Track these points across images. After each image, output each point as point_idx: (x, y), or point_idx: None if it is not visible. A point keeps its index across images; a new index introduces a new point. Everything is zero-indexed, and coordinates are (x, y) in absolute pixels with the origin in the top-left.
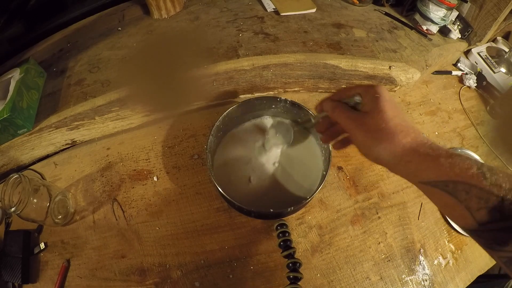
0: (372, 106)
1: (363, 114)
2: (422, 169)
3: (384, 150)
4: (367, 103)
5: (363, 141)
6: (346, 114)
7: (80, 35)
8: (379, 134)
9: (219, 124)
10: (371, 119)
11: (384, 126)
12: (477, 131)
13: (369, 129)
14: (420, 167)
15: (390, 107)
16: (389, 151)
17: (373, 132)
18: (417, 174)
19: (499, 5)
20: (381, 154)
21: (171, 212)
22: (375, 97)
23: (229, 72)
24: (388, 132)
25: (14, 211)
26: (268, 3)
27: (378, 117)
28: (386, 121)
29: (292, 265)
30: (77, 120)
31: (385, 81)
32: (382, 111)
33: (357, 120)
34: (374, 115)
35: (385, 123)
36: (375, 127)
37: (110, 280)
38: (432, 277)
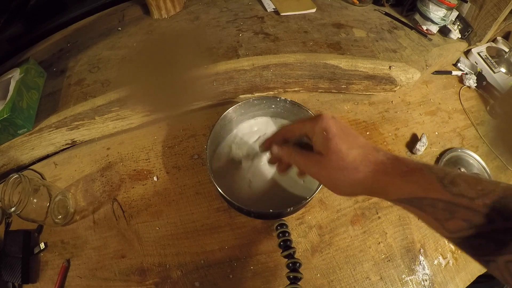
0: (325, 147)
1: (319, 157)
2: (389, 190)
3: (352, 186)
4: (317, 142)
5: (330, 183)
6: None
7: (80, 35)
8: (341, 173)
9: (219, 124)
10: (329, 161)
11: (343, 164)
12: (477, 131)
13: (331, 171)
14: (386, 189)
15: (342, 141)
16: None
17: (336, 172)
18: (386, 195)
19: (499, 5)
20: (352, 190)
21: (171, 212)
22: (323, 135)
23: (229, 72)
24: (349, 169)
25: (14, 211)
26: (268, 3)
27: (334, 157)
28: (343, 159)
29: (292, 265)
30: (77, 120)
31: (385, 81)
32: (336, 150)
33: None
34: (330, 156)
35: (343, 160)
36: (336, 168)
37: (110, 280)
38: (432, 277)
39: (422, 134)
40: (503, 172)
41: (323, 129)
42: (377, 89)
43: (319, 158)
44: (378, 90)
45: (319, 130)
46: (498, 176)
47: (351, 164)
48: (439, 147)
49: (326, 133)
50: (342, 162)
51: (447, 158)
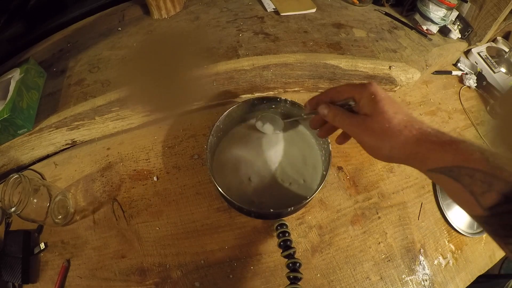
0: (371, 108)
1: (364, 117)
2: (429, 157)
3: (393, 149)
4: (365, 105)
5: (371, 145)
6: (348, 120)
7: (80, 35)
8: (385, 135)
9: (219, 124)
10: (375, 122)
11: (388, 126)
12: (477, 131)
13: (375, 132)
14: (426, 155)
15: (389, 105)
16: (398, 148)
17: (379, 134)
18: (425, 163)
19: (499, 5)
20: (391, 153)
21: (171, 212)
22: (372, 98)
23: (229, 72)
24: (393, 131)
25: (14, 211)
26: (268, 3)
27: (380, 118)
28: (389, 121)
29: (292, 265)
30: (77, 120)
31: (385, 81)
32: (383, 111)
33: (361, 125)
34: (376, 117)
35: (388, 122)
36: (379, 129)
37: (110, 280)
38: (432, 277)
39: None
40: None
41: (372, 93)
42: None
43: (364, 118)
44: None
45: (367, 94)
46: None
47: (396, 126)
48: None
49: (374, 96)
50: (387, 123)
51: None
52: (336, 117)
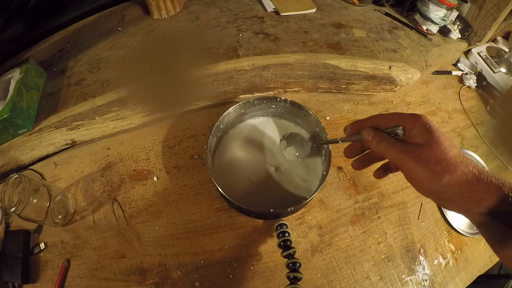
0: (425, 138)
1: (416, 146)
2: (485, 198)
3: (448, 183)
4: (417, 134)
5: (422, 176)
6: (397, 147)
7: (80, 35)
8: (440, 166)
9: (219, 124)
10: (429, 152)
11: (444, 157)
12: (477, 131)
13: (428, 162)
14: (483, 196)
15: (444, 137)
16: (454, 183)
17: (433, 164)
18: (479, 204)
19: (499, 5)
20: (444, 187)
21: (171, 212)
22: (427, 128)
23: (229, 72)
24: (449, 164)
25: (14, 211)
26: (268, 3)
27: (436, 148)
28: (445, 152)
29: (292, 265)
30: (77, 120)
31: (385, 81)
32: (439, 142)
33: (412, 154)
34: (432, 146)
35: (444, 154)
36: (434, 159)
37: (110, 280)
38: (432, 277)
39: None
40: (503, 172)
41: (426, 123)
42: (377, 89)
43: (417, 147)
44: (378, 90)
45: (420, 124)
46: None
47: (452, 159)
48: None
49: (429, 126)
50: (443, 154)
51: None
52: (382, 142)
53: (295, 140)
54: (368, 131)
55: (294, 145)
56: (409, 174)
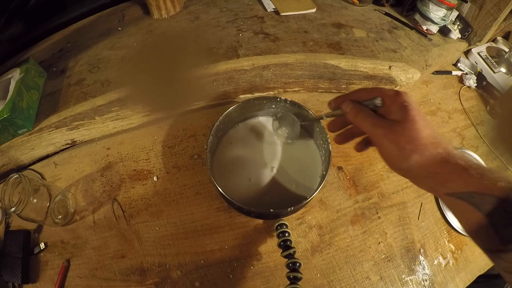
0: (401, 115)
1: (391, 122)
2: (451, 179)
3: (415, 162)
4: (394, 111)
5: (392, 152)
6: (372, 120)
7: (80, 35)
8: (410, 145)
9: (219, 124)
10: (402, 129)
11: (416, 136)
12: (477, 131)
13: (400, 139)
14: (449, 177)
15: (420, 117)
16: (420, 162)
17: (404, 143)
18: (445, 185)
19: (499, 5)
20: (411, 166)
21: (171, 212)
22: (404, 105)
23: (229, 72)
24: (419, 143)
25: (14, 211)
26: (268, 3)
27: (409, 127)
28: (418, 132)
29: (292, 265)
30: (77, 120)
31: (385, 81)
32: (413, 120)
33: (386, 129)
34: (405, 124)
35: (417, 133)
36: (406, 137)
37: (110, 280)
38: (432, 277)
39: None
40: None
41: (405, 100)
42: None
43: (392, 123)
44: None
45: (400, 100)
46: None
47: (423, 140)
48: None
49: (408, 104)
50: (415, 133)
51: None
52: (358, 114)
53: (286, 121)
54: (347, 103)
55: (285, 126)
56: (381, 149)
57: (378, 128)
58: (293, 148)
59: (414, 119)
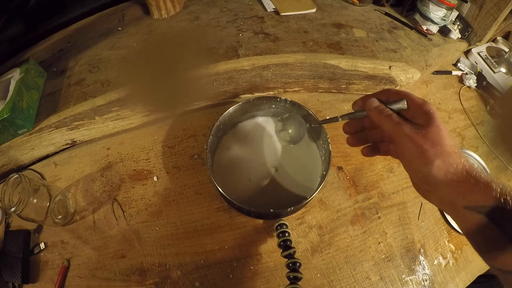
0: (427, 120)
1: (417, 125)
2: (472, 191)
3: (437, 168)
4: (419, 116)
5: (414, 154)
6: (397, 121)
7: (80, 35)
8: (435, 149)
9: (219, 124)
10: (427, 132)
11: (441, 142)
12: (477, 131)
13: (424, 141)
14: (470, 189)
15: (444, 126)
16: (443, 169)
17: (429, 145)
18: (465, 196)
19: (499, 5)
20: (432, 170)
21: (171, 212)
22: (430, 112)
23: (229, 72)
24: (444, 149)
25: (14, 211)
26: (268, 3)
27: (436, 132)
28: (443, 138)
29: (292, 265)
30: (77, 120)
31: (385, 81)
32: (439, 127)
33: (410, 130)
34: (431, 129)
35: (442, 139)
36: (431, 140)
37: (110, 280)
38: (432, 277)
39: None
40: (503, 172)
41: (430, 109)
42: (377, 89)
43: (417, 125)
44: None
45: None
46: (498, 176)
47: (449, 147)
48: None
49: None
50: (440, 139)
51: None
52: (383, 112)
53: (292, 124)
54: (372, 100)
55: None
56: (402, 149)
57: (403, 127)
58: (293, 148)
59: (440, 126)
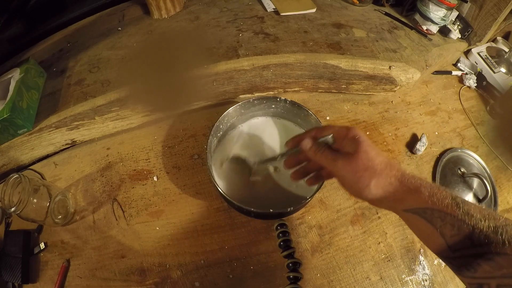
0: (354, 147)
1: (347, 155)
2: (406, 198)
3: (374, 187)
4: (347, 144)
5: (352, 181)
6: (331, 156)
7: (80, 35)
8: (368, 172)
9: (219, 124)
10: (358, 160)
11: (371, 164)
12: (477, 131)
13: (358, 169)
14: (404, 196)
15: (371, 146)
16: (379, 186)
17: (362, 171)
18: (401, 203)
19: (499, 5)
20: (372, 191)
21: (171, 212)
22: (356, 139)
23: (229, 72)
24: (375, 169)
25: (14, 211)
26: (268, 3)
27: (363, 156)
28: (372, 159)
29: (292, 265)
30: (77, 120)
31: (385, 81)
32: (366, 150)
33: (343, 162)
34: (360, 155)
35: (371, 161)
36: (363, 166)
37: (110, 280)
38: (432, 277)
39: (422, 134)
40: (503, 172)
41: (356, 134)
42: (377, 89)
43: (348, 156)
44: (378, 90)
45: (351, 135)
46: (498, 176)
47: (378, 165)
48: (439, 147)
49: (358, 137)
50: (369, 162)
51: (447, 158)
52: (318, 151)
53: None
54: (306, 142)
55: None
56: (341, 180)
57: (337, 162)
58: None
59: (367, 150)
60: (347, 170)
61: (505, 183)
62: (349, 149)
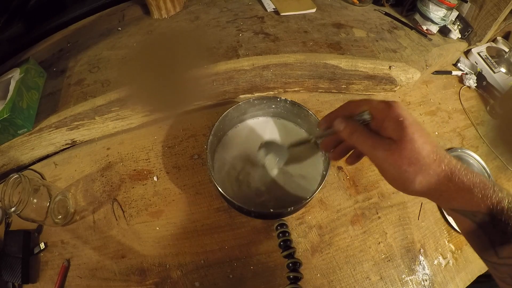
0: (399, 133)
1: (389, 143)
2: (455, 198)
3: (419, 184)
4: (389, 127)
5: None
6: (369, 140)
7: (80, 35)
8: (413, 167)
9: (219, 124)
10: (401, 150)
11: (417, 157)
12: (477, 131)
13: (401, 162)
14: (453, 196)
15: (418, 133)
16: (424, 183)
17: (406, 165)
18: (450, 202)
19: (499, 5)
20: (416, 187)
21: (171, 212)
22: (399, 121)
23: (229, 72)
24: (422, 164)
25: (14, 211)
26: (268, 3)
27: (409, 147)
28: (418, 151)
29: (292, 265)
30: (77, 120)
31: (385, 81)
32: (412, 139)
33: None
34: (404, 144)
35: (417, 153)
36: (407, 160)
37: (110, 280)
38: (432, 277)
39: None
40: (503, 172)
41: (399, 115)
42: (377, 89)
43: (390, 144)
44: (378, 90)
45: (393, 115)
46: (498, 176)
47: (426, 159)
48: None
49: (403, 119)
50: (416, 154)
51: None
52: (354, 133)
53: (273, 148)
54: (339, 121)
55: (273, 152)
56: (383, 172)
57: (377, 151)
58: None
59: (413, 138)
60: (389, 163)
61: (505, 183)
62: (392, 133)
